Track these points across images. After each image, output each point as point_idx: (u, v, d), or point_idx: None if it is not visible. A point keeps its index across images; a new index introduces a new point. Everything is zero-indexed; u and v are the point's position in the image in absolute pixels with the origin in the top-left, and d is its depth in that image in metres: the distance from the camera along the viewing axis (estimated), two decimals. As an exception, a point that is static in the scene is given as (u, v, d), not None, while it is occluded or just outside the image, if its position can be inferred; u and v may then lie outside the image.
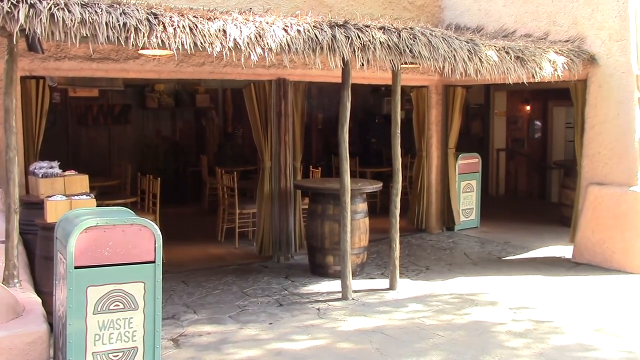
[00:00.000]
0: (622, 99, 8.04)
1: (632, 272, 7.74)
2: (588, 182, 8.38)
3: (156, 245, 4.12)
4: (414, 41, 6.32)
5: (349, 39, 5.92)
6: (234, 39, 5.38)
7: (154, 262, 4.12)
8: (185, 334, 5.64)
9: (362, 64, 6.24)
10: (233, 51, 5.43)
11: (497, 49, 7.27)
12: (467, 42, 6.95)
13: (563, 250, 8.83)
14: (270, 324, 5.92)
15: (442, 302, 6.63)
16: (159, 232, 4.13)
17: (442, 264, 8.23)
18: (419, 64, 6.76)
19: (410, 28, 6.44)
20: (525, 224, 10.83)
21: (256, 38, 5.48)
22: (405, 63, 6.69)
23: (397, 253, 7.09)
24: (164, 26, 5.08)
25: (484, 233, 10.19)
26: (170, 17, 5.15)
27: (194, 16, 5.32)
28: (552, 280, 7.49)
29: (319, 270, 7.59)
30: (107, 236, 3.96)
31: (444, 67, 6.70)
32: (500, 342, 5.52)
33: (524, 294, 6.92)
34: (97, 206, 5.69)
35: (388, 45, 6.17)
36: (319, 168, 9.89)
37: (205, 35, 5.27)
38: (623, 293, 7.00)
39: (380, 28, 6.22)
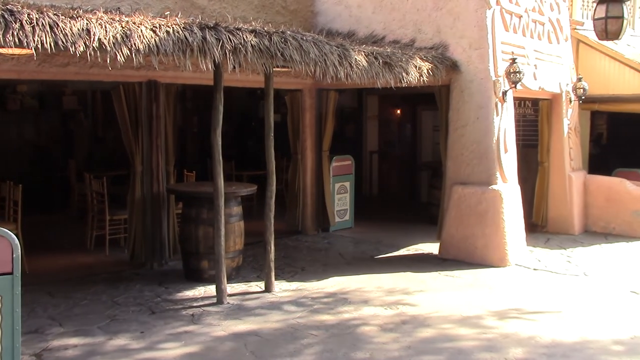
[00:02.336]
0: (481, 103, 8.57)
1: (492, 266, 8.28)
2: (452, 182, 8.85)
3: (14, 255, 3.88)
4: (285, 45, 6.39)
5: (219, 41, 5.88)
6: (99, 39, 5.18)
7: (11, 273, 3.88)
8: (50, 349, 5.35)
9: (234, 67, 6.22)
10: (98, 52, 5.22)
11: (366, 54, 7.51)
12: (338, 47, 7.12)
13: (431, 247, 9.26)
14: (142, 332, 5.75)
15: (316, 302, 6.74)
16: (16, 241, 3.89)
17: (317, 265, 8.38)
18: (291, 68, 6.84)
19: (281, 32, 6.50)
20: (397, 223, 11.26)
21: (122, 38, 5.31)
22: (277, 67, 6.76)
23: (272, 255, 7.13)
24: (22, 24, 4.80)
25: (357, 233, 10.48)
26: (29, 15, 4.87)
27: (55, 14, 5.07)
28: (421, 276, 7.83)
29: (193, 275, 7.47)
30: (-43, 247, 3.69)
31: (315, 71, 6.82)
32: (371, 338, 5.70)
33: (395, 291, 7.19)
34: (-53, 216, 5.29)
35: (260, 48, 6.19)
36: (193, 172, 9.74)
37: (67, 35, 5.04)
38: (484, 285, 7.46)
39: (252, 31, 6.23)
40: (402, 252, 9.23)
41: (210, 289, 6.96)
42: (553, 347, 5.50)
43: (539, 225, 10.65)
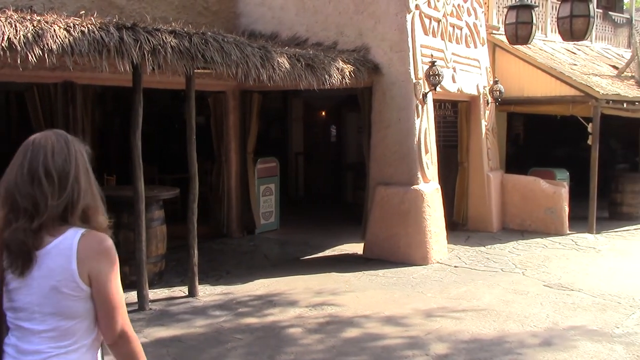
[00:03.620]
0: (402, 105, 8.73)
1: (415, 264, 8.44)
2: (376, 183, 8.98)
3: None
4: (206, 46, 6.32)
5: (138, 42, 5.75)
6: (9, 38, 4.98)
7: None
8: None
9: (153, 69, 6.09)
10: (8, 51, 5.01)
11: (289, 56, 7.52)
12: (260, 49, 7.10)
13: (356, 247, 9.36)
14: (59, 342, 5.55)
15: (242, 305, 6.70)
16: None
17: (242, 268, 8.32)
18: (213, 70, 6.77)
19: (202, 33, 6.42)
20: (323, 224, 11.32)
21: (34, 38, 5.12)
22: (199, 68, 6.67)
23: (195, 259, 7.02)
24: None
25: (283, 235, 10.48)
26: None
27: (-40, 12, 4.84)
28: (346, 276, 7.91)
29: (114, 282, 7.25)
30: None
31: (237, 73, 6.77)
32: (297, 339, 5.71)
33: (320, 291, 7.23)
34: None
35: (180, 49, 6.09)
36: (114, 176, 9.48)
37: (-27, 33, 4.82)
38: (407, 284, 7.60)
39: (171, 32, 6.13)
40: (328, 252, 9.29)
41: (132, 295, 6.76)
42: (473, 342, 5.66)
43: (460, 224, 10.95)
